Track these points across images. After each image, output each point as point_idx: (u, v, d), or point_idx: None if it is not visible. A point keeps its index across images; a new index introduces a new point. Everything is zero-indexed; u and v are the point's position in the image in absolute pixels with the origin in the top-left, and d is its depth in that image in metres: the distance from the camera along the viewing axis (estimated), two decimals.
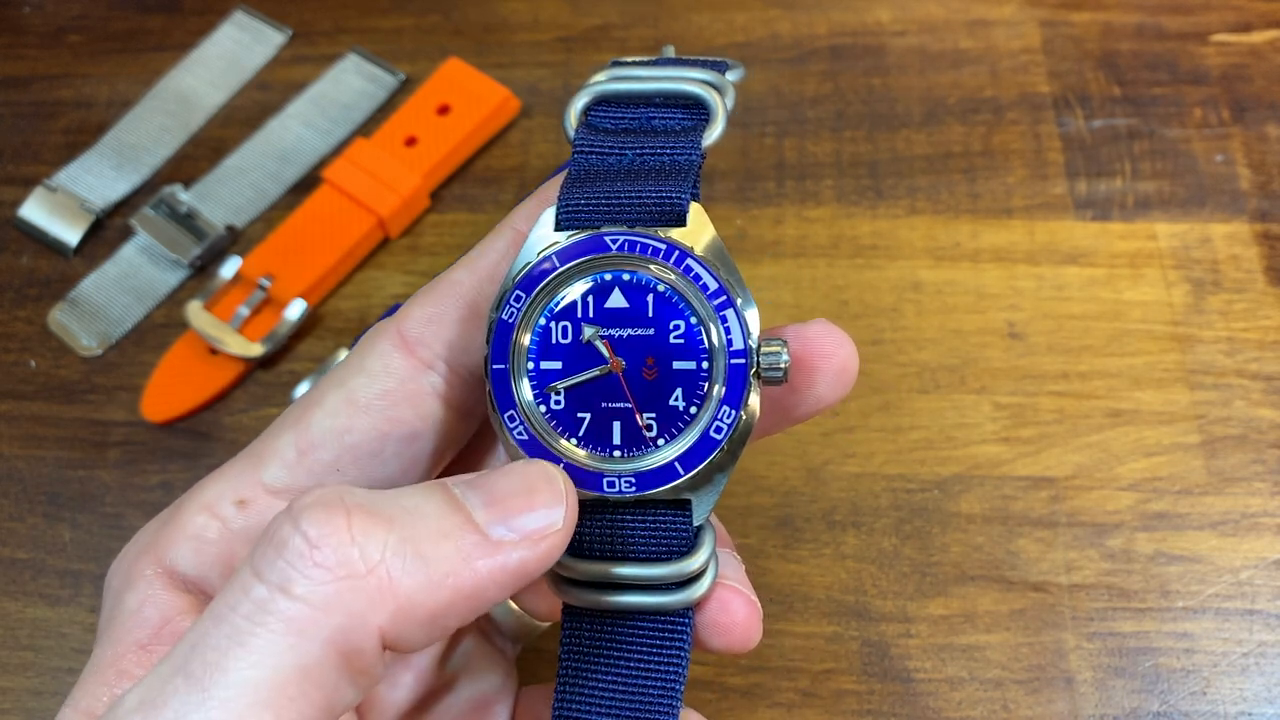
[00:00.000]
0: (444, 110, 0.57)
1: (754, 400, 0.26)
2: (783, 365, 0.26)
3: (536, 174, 0.57)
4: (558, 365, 0.27)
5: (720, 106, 0.28)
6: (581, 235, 0.26)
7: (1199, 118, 0.56)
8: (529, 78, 0.59)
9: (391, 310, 0.51)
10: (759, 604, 0.28)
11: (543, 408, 0.27)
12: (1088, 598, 0.44)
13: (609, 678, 0.27)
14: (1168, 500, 0.46)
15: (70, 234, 0.56)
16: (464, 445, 0.30)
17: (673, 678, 0.27)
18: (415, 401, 0.28)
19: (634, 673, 0.27)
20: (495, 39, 0.61)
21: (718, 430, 0.26)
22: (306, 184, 0.57)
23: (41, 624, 0.47)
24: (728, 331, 0.26)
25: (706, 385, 0.26)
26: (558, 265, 0.26)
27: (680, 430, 0.26)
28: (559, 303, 0.27)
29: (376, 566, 0.21)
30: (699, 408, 0.26)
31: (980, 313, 0.51)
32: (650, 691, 0.27)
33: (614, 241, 0.26)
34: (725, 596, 0.28)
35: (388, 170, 0.55)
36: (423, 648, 0.23)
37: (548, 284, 0.26)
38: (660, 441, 0.26)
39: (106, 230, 0.57)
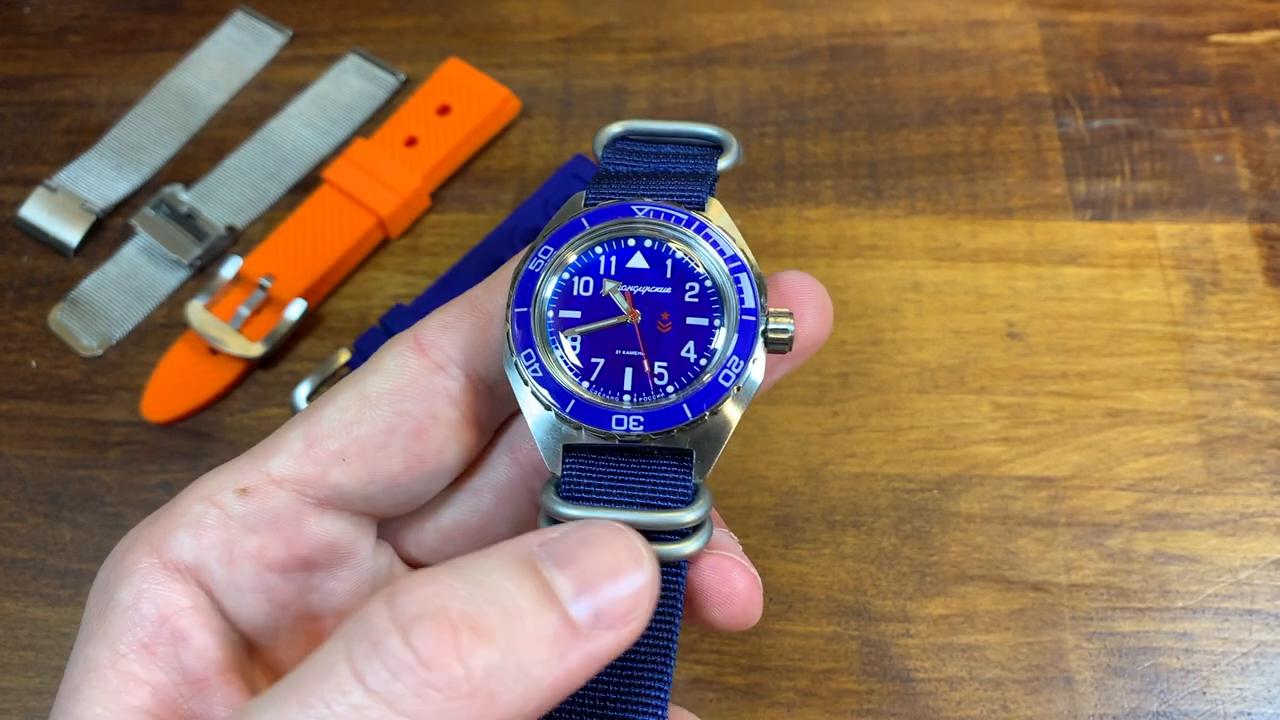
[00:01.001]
0: (444, 110, 0.57)
1: (760, 358, 0.27)
2: (789, 332, 0.27)
3: (536, 174, 0.57)
4: (576, 314, 0.28)
5: (735, 142, 0.31)
6: (611, 202, 0.29)
7: (1198, 118, 0.56)
8: (529, 78, 0.59)
9: (392, 311, 0.51)
10: (759, 577, 0.29)
11: (558, 350, 0.28)
12: (1087, 597, 0.44)
13: None
14: (1167, 500, 0.46)
15: (71, 234, 0.56)
16: (472, 457, 0.30)
17: (666, 634, 0.27)
18: (425, 399, 0.28)
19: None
20: (495, 39, 0.61)
21: (726, 379, 0.27)
22: (307, 184, 0.57)
23: (42, 624, 0.47)
24: (740, 292, 0.27)
25: (717, 340, 0.28)
26: (586, 225, 0.28)
27: (690, 379, 0.27)
28: (583, 259, 0.28)
29: (480, 686, 0.21)
30: (709, 360, 0.27)
31: (980, 313, 0.51)
32: (641, 648, 0.27)
33: (640, 210, 0.28)
34: (724, 566, 0.28)
35: (388, 170, 0.55)
36: None
37: (575, 241, 0.28)
38: (670, 389, 0.27)
39: (107, 230, 0.57)
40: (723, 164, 0.30)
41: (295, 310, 0.52)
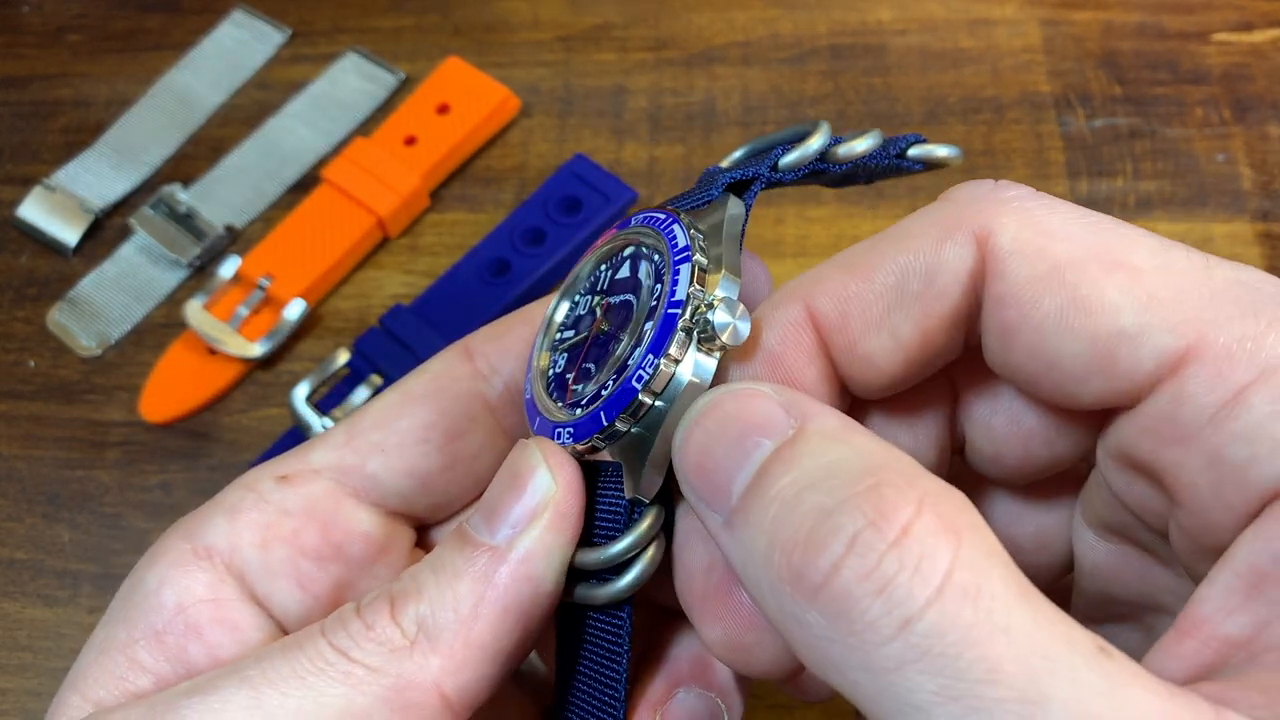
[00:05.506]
0: (444, 110, 0.57)
1: (686, 357, 0.23)
2: (714, 323, 0.23)
3: (536, 174, 0.56)
4: (571, 333, 0.28)
5: (818, 135, 0.27)
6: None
7: (1200, 117, 0.56)
8: (529, 77, 0.59)
9: (392, 311, 0.51)
10: None
11: (551, 370, 0.27)
12: None
13: (566, 678, 0.27)
14: None
15: (69, 234, 0.56)
16: None
17: (612, 681, 0.25)
18: (465, 402, 0.29)
19: (580, 671, 0.26)
20: (495, 39, 0.61)
21: (638, 379, 0.23)
22: (306, 184, 0.57)
23: (40, 624, 0.47)
24: (675, 283, 0.24)
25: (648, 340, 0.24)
26: (600, 248, 0.28)
27: (613, 384, 0.24)
28: (592, 278, 0.28)
29: (416, 635, 0.24)
30: (636, 363, 0.24)
31: None
32: (586, 693, 0.26)
33: (636, 219, 0.27)
34: None
35: (387, 170, 0.55)
36: (498, 685, 0.25)
37: (584, 261, 0.28)
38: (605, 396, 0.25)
39: (105, 230, 0.57)
40: (787, 157, 0.26)
41: (294, 310, 0.52)
